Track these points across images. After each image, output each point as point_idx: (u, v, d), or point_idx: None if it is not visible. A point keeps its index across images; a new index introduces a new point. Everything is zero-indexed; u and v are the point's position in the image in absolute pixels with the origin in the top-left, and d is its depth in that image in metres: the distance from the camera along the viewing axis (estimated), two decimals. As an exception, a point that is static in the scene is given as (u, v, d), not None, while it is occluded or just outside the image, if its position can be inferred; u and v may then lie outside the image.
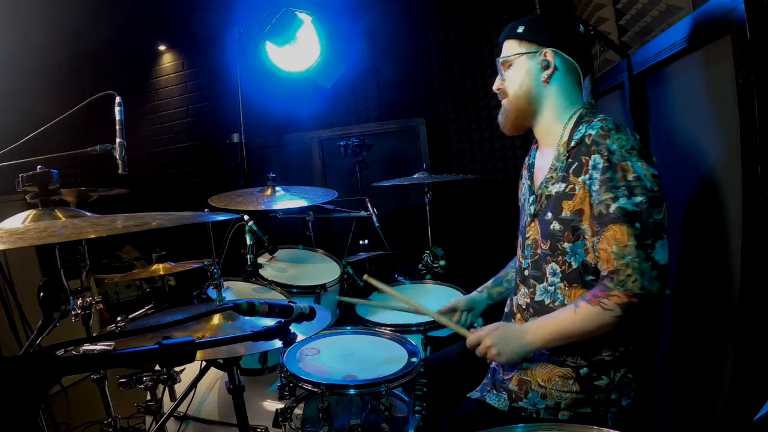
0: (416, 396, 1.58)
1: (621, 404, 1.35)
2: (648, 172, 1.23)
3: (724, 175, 1.59)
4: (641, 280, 1.21)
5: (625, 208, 1.22)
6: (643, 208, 1.21)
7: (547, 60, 1.43)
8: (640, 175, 1.22)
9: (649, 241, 1.21)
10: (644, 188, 1.21)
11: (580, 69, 1.44)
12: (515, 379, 1.43)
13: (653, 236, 1.21)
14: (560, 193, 1.37)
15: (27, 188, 1.47)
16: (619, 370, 1.34)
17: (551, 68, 1.43)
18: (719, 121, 1.61)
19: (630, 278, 1.21)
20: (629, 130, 1.30)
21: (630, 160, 1.23)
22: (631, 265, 1.21)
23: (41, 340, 1.38)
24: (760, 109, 1.33)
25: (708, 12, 1.55)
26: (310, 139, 4.23)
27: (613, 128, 1.28)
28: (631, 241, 1.21)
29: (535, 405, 1.37)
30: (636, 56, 2.17)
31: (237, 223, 2.25)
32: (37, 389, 0.65)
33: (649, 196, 1.21)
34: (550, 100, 1.46)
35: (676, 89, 1.92)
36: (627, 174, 1.23)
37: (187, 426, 1.92)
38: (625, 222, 1.22)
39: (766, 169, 1.34)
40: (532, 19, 1.50)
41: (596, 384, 1.33)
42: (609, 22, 2.48)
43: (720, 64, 1.55)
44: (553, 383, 1.36)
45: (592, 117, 1.37)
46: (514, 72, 1.49)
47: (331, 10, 3.66)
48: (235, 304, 1.04)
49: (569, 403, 1.34)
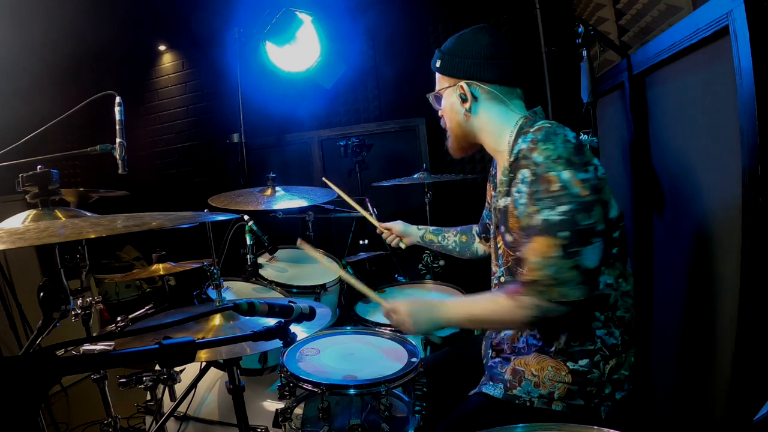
0: (416, 396, 1.58)
1: (615, 398, 1.35)
2: (576, 179, 1.21)
3: (724, 174, 1.59)
4: (562, 289, 1.22)
5: (549, 220, 1.22)
6: (569, 217, 1.21)
7: (463, 93, 1.44)
8: (566, 183, 1.21)
9: (575, 248, 1.21)
10: (570, 196, 1.21)
11: (504, 89, 1.43)
12: (509, 370, 1.44)
13: (581, 243, 1.21)
14: (507, 207, 1.40)
15: (27, 188, 1.47)
16: (609, 362, 1.33)
17: (469, 100, 1.44)
18: (719, 121, 1.61)
19: (549, 288, 1.23)
20: (563, 135, 1.26)
21: (555, 170, 1.22)
22: (555, 275, 1.22)
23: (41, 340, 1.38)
24: (761, 109, 1.33)
25: (708, 12, 1.55)
26: (310, 139, 4.23)
27: (541, 139, 1.26)
28: (555, 252, 1.21)
29: (528, 393, 1.38)
30: (636, 56, 2.17)
31: (237, 223, 2.25)
32: (37, 389, 0.65)
33: (575, 203, 1.21)
34: (482, 125, 1.47)
35: (676, 89, 1.92)
36: (551, 185, 1.22)
37: (187, 426, 1.92)
38: (549, 234, 1.22)
39: (766, 169, 1.34)
40: (447, 50, 1.48)
41: (588, 377, 1.33)
42: (609, 22, 2.48)
43: (720, 64, 1.55)
44: (545, 372, 1.36)
45: (530, 127, 1.33)
46: (444, 105, 1.53)
47: (331, 10, 3.66)
48: (235, 304, 1.04)
49: (562, 393, 1.34)
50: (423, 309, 1.44)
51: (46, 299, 1.35)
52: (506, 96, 1.44)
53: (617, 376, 1.35)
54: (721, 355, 1.63)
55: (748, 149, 1.39)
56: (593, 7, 2.59)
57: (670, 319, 2.06)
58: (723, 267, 1.64)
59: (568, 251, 1.21)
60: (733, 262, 1.53)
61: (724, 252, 1.62)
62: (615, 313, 1.34)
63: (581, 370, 1.33)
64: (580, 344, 1.34)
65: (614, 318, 1.34)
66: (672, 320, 2.04)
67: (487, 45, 1.42)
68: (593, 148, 2.07)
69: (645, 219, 2.20)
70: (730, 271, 1.55)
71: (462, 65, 1.44)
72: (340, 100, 4.21)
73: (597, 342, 1.33)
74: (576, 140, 1.27)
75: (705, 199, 1.76)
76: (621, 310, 1.35)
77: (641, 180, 2.20)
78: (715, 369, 1.69)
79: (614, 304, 1.34)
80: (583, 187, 1.21)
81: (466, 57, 1.44)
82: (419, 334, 1.47)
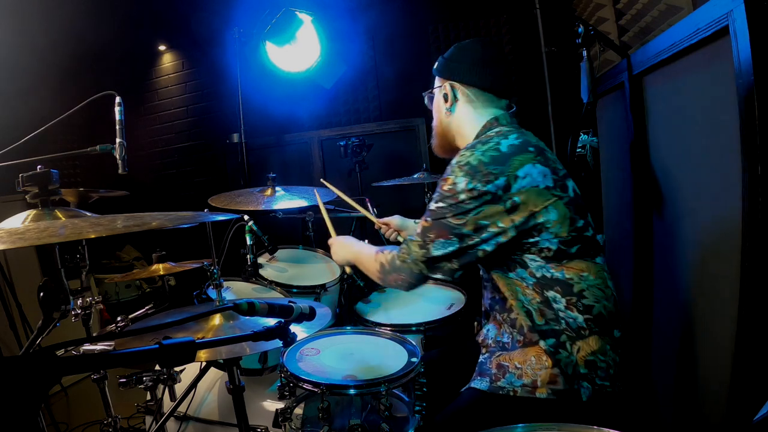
0: (416, 396, 1.58)
1: (595, 382, 1.36)
2: (466, 187, 1.36)
3: (724, 174, 1.59)
4: (407, 257, 1.46)
5: (430, 207, 1.44)
6: (442, 212, 1.39)
7: (446, 93, 1.59)
8: (455, 187, 1.37)
9: (431, 235, 1.41)
10: (452, 198, 1.38)
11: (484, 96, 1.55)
12: (495, 364, 1.48)
13: (437, 234, 1.40)
14: None
15: (27, 188, 1.47)
16: (575, 343, 1.37)
17: (450, 100, 1.59)
18: (719, 121, 1.61)
19: (403, 250, 1.48)
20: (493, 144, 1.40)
21: (454, 174, 1.39)
22: (410, 243, 1.46)
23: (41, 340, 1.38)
24: (760, 109, 1.33)
25: (708, 12, 1.55)
26: (310, 139, 4.24)
27: (470, 147, 1.43)
28: (420, 230, 1.45)
29: (512, 384, 1.42)
30: (636, 56, 2.17)
31: (237, 223, 2.25)
32: (37, 389, 0.65)
33: (452, 204, 1.38)
34: (457, 126, 1.61)
35: (676, 89, 1.92)
36: (445, 184, 1.41)
37: (187, 426, 1.92)
38: (426, 216, 1.45)
39: (766, 169, 1.34)
40: (446, 55, 1.63)
41: (557, 358, 1.37)
42: (609, 22, 2.48)
43: (720, 64, 1.55)
44: (528, 363, 1.41)
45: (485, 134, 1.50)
46: (433, 104, 1.69)
47: (331, 10, 3.66)
48: (235, 304, 1.04)
49: (545, 379, 1.37)
50: (343, 246, 1.83)
51: (46, 299, 1.35)
52: (484, 102, 1.56)
53: (592, 358, 1.37)
54: (721, 355, 1.63)
55: (748, 149, 1.39)
56: (593, 7, 2.59)
57: (670, 319, 2.06)
58: (723, 267, 1.64)
59: (426, 234, 1.42)
60: (733, 262, 1.53)
61: (724, 252, 1.62)
62: (581, 300, 1.39)
63: (551, 350, 1.38)
64: (546, 323, 1.40)
65: (579, 304, 1.38)
66: (672, 320, 2.04)
67: (479, 53, 1.56)
68: (593, 148, 2.07)
69: (645, 219, 2.20)
70: (730, 271, 1.55)
71: (451, 67, 1.59)
72: (340, 100, 4.20)
73: (561, 323, 1.39)
74: (507, 149, 1.38)
75: (705, 199, 1.76)
76: (589, 300, 1.39)
77: (641, 180, 2.20)
78: (715, 369, 1.69)
79: (580, 293, 1.39)
80: (469, 195, 1.36)
81: (457, 61, 1.58)
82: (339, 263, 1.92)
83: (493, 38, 3.75)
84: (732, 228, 1.53)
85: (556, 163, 1.45)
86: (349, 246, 1.81)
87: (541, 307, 1.40)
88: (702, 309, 1.81)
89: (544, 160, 1.40)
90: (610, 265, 1.54)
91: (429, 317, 2.11)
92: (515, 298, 1.44)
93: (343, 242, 1.86)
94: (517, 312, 1.44)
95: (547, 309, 1.39)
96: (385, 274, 1.54)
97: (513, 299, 1.44)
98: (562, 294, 1.38)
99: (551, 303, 1.39)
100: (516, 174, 1.35)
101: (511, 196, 1.35)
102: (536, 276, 1.39)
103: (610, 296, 1.43)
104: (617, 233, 2.61)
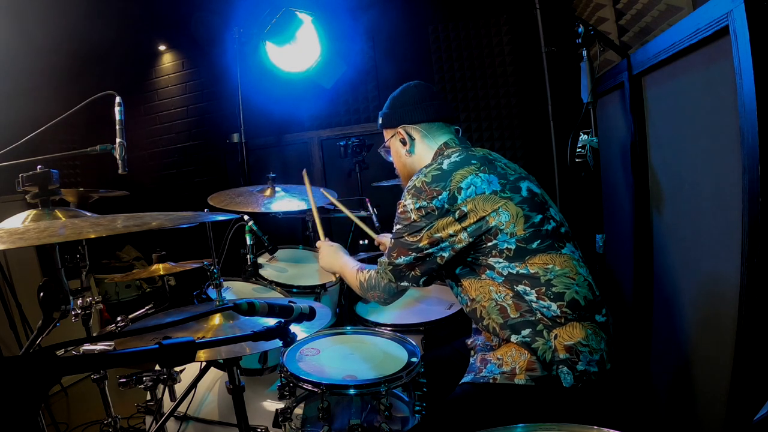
0: (416, 396, 1.58)
1: (576, 368, 1.38)
2: (414, 206, 1.51)
3: (724, 174, 1.59)
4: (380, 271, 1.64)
5: (394, 231, 1.60)
6: (399, 232, 1.56)
7: (401, 138, 1.74)
8: (406, 209, 1.54)
9: (394, 253, 1.58)
10: (406, 219, 1.54)
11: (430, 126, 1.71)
12: (479, 359, 1.53)
13: (399, 252, 1.56)
14: None
15: (27, 188, 1.47)
16: (552, 330, 1.41)
17: (408, 142, 1.74)
18: (719, 121, 1.61)
19: (378, 270, 1.65)
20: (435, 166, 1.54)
21: (405, 198, 1.55)
22: (381, 262, 1.63)
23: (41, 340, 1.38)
24: (760, 109, 1.33)
25: (708, 12, 1.55)
26: (310, 139, 4.24)
27: (418, 172, 1.58)
28: (387, 250, 1.62)
29: (492, 372, 1.46)
30: (636, 56, 2.17)
31: (237, 223, 2.25)
32: (37, 389, 0.65)
33: (407, 225, 1.53)
34: (419, 162, 1.73)
35: (676, 89, 1.92)
36: (399, 208, 1.57)
37: (187, 426, 1.92)
38: (390, 238, 1.61)
39: (766, 169, 1.34)
40: (384, 108, 1.80)
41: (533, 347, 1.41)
42: (609, 22, 2.48)
43: (720, 64, 1.55)
44: (509, 354, 1.45)
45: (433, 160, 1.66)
46: (391, 154, 1.84)
47: (331, 10, 3.66)
48: (235, 304, 1.04)
49: (523, 366, 1.41)
50: (330, 253, 1.93)
51: (46, 299, 1.35)
52: (436, 132, 1.71)
53: (572, 344, 1.39)
54: (721, 355, 1.63)
55: (748, 149, 1.39)
56: (593, 7, 2.59)
57: (670, 319, 2.06)
58: (723, 267, 1.64)
59: (391, 253, 1.59)
60: (733, 262, 1.53)
61: (724, 252, 1.62)
62: (550, 289, 1.43)
63: (526, 340, 1.42)
64: (521, 316, 1.44)
65: (549, 293, 1.43)
66: (672, 320, 2.04)
67: (415, 93, 1.73)
68: (593, 148, 2.07)
69: (645, 219, 2.20)
70: (730, 271, 1.55)
71: (397, 115, 1.74)
72: (340, 100, 4.20)
73: (536, 313, 1.43)
74: (447, 167, 1.52)
75: (705, 199, 1.76)
76: (558, 287, 1.44)
77: (641, 180, 2.20)
78: (715, 369, 1.69)
79: (548, 282, 1.44)
80: (418, 213, 1.50)
81: (400, 107, 1.74)
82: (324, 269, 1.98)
83: (492, 39, 3.76)
84: (732, 228, 1.53)
85: (508, 169, 1.58)
86: (335, 258, 1.91)
87: (514, 301, 1.45)
88: (702, 309, 1.81)
89: (490, 169, 1.52)
90: (610, 265, 1.54)
91: (429, 317, 2.11)
92: (488, 299, 1.49)
93: (330, 251, 1.95)
94: (488, 316, 1.50)
95: (521, 302, 1.45)
96: (365, 291, 1.71)
97: (486, 301, 1.50)
98: (531, 286, 1.44)
99: (523, 296, 1.44)
100: (459, 186, 1.48)
101: (458, 207, 1.47)
102: (503, 274, 1.46)
103: (582, 282, 1.47)
104: (617, 233, 2.61)
